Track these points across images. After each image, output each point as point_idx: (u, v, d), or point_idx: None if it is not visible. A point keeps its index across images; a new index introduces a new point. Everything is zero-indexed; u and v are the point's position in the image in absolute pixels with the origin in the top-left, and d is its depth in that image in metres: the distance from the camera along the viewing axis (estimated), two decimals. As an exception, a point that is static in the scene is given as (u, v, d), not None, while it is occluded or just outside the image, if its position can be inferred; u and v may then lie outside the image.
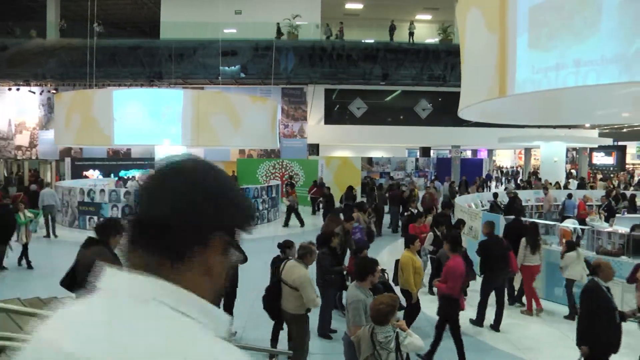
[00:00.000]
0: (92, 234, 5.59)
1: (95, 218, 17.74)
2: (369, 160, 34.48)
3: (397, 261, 8.53)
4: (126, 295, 1.01)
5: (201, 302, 1.05)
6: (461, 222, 11.76)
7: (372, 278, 5.52)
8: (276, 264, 7.32)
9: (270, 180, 24.82)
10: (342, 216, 11.07)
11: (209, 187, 1.11)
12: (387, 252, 14.27)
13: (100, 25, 27.78)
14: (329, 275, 8.05)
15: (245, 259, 5.18)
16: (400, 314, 6.73)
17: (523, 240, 9.62)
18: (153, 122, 18.11)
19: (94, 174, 28.42)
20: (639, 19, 8.70)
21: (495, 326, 8.67)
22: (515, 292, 10.22)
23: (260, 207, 19.86)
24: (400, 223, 17.64)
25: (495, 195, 17.67)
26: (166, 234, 1.04)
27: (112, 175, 26.54)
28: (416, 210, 15.39)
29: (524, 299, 9.95)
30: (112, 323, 0.96)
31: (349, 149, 40.08)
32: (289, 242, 7.52)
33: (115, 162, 31.08)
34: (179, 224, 1.05)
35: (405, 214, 14.74)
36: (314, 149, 35.70)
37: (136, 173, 27.83)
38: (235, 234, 1.15)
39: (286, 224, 19.26)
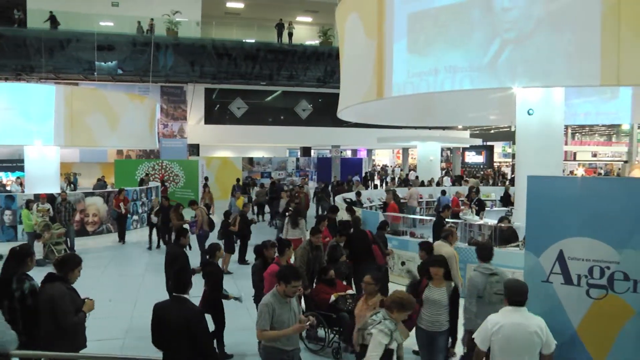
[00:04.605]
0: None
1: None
2: (250, 160, 34.48)
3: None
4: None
5: None
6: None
7: (284, 288, 4.98)
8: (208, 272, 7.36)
9: (149, 182, 24.09)
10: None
11: None
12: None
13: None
14: (261, 292, 7.00)
15: None
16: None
17: None
18: (21, 120, 16.73)
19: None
20: (496, 27, 9.39)
21: None
22: None
23: (140, 210, 19.18)
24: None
25: (358, 194, 18.17)
26: None
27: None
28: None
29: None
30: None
31: (229, 149, 39.75)
32: (216, 245, 7.79)
33: (-21, 164, 28.88)
34: None
35: (287, 213, 14.79)
36: (194, 149, 35.14)
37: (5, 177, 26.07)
38: None
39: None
